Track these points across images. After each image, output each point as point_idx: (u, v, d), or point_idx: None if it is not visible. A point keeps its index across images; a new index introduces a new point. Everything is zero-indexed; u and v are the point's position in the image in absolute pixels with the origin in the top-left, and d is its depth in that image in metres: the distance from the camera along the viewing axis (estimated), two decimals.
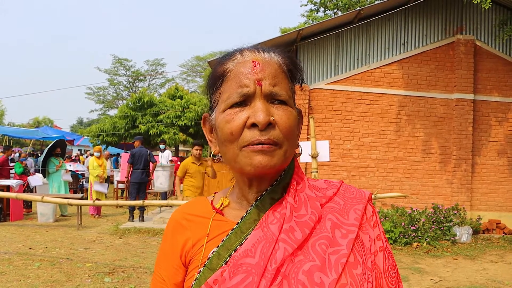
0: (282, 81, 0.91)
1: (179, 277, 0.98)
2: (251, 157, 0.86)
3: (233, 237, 0.91)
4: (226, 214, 0.98)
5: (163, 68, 44.91)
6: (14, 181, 11.19)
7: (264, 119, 0.85)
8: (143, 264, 6.85)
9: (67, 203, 7.08)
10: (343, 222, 0.91)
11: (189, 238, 0.98)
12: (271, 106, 0.88)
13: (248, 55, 0.92)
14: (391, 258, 0.95)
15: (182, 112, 21.58)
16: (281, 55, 0.95)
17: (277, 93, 0.89)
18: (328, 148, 6.79)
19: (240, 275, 0.84)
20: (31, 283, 5.72)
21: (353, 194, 0.98)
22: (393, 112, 10.17)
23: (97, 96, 45.70)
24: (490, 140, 10.46)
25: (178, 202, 6.96)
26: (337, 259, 0.85)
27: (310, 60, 10.07)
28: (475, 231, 9.72)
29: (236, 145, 0.88)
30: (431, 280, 6.57)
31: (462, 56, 10.18)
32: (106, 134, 21.81)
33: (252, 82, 0.88)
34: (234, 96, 0.89)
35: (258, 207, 0.93)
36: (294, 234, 0.86)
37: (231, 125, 0.88)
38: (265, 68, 0.90)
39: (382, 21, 10.26)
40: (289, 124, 0.89)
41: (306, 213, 0.90)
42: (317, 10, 20.22)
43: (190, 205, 1.05)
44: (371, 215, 0.96)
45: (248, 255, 0.86)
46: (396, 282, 0.94)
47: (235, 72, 0.91)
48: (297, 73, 0.97)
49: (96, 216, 11.60)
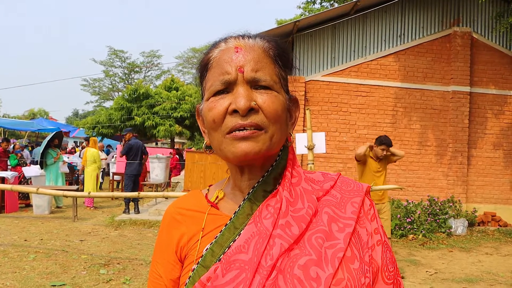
0: (267, 66, 0.89)
1: (176, 273, 0.96)
2: (234, 145, 0.85)
3: (227, 233, 0.89)
4: (221, 208, 0.97)
5: (158, 59, 44.77)
6: (9, 173, 11.13)
7: (245, 104, 0.84)
8: (138, 256, 6.85)
9: (62, 194, 7.05)
10: (340, 215, 0.89)
11: (184, 233, 0.96)
12: (255, 92, 0.87)
13: (231, 41, 0.91)
14: (389, 252, 0.93)
15: (178, 104, 21.54)
16: (267, 39, 0.93)
17: (260, 79, 0.87)
18: (324, 140, 6.77)
19: (233, 272, 0.82)
20: (26, 274, 5.71)
21: (351, 187, 0.96)
22: (389, 104, 10.16)
23: (93, 87, 45.54)
24: (486, 132, 10.48)
25: (174, 194, 6.94)
26: (333, 253, 0.83)
27: (307, 51, 10.03)
28: (471, 223, 9.76)
29: (220, 132, 0.87)
30: (426, 272, 6.59)
31: (459, 49, 10.17)
32: (101, 126, 21.76)
33: (233, 69, 0.87)
34: (216, 84, 0.88)
35: (251, 200, 0.91)
36: (291, 229, 0.84)
37: (213, 112, 0.87)
38: (247, 54, 0.88)
39: (379, 13, 10.22)
40: (274, 108, 0.86)
41: (302, 207, 0.87)
42: (314, 2, 20.18)
43: (184, 200, 1.03)
44: (368, 208, 0.94)
45: (241, 251, 0.84)
46: (394, 276, 0.92)
47: (217, 60, 0.90)
48: (285, 58, 0.94)
49: (91, 208, 11.58)
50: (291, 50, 0.97)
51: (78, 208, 10.27)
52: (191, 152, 12.58)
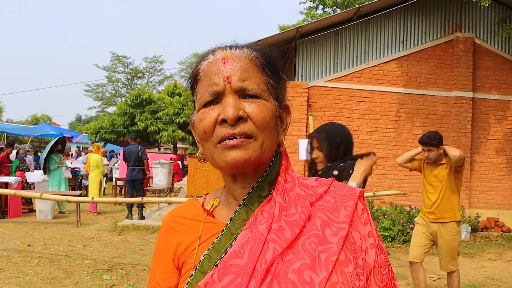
0: (254, 75, 0.91)
1: (173, 281, 0.98)
2: (225, 153, 0.88)
3: (223, 239, 0.90)
4: (217, 216, 0.98)
5: (161, 65, 44.91)
6: (12, 178, 11.16)
7: (233, 113, 0.86)
8: (141, 261, 6.85)
9: (65, 200, 7.07)
10: (333, 220, 0.90)
11: (181, 242, 0.98)
12: (243, 101, 0.89)
13: (218, 53, 0.93)
14: (383, 256, 0.94)
15: (180, 109, 21.59)
16: (254, 49, 0.95)
17: (247, 88, 0.89)
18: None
19: (229, 276, 0.83)
20: (29, 280, 5.72)
21: (344, 191, 0.97)
22: (392, 110, 10.17)
23: (96, 93, 45.68)
24: (489, 138, 10.47)
25: (177, 199, 6.95)
26: (327, 257, 0.84)
27: (309, 57, 10.06)
28: (474, 229, 9.73)
29: (211, 142, 0.90)
30: (429, 278, 6.57)
31: (461, 54, 10.18)
32: (104, 131, 21.80)
33: (221, 80, 0.89)
34: (206, 95, 0.90)
35: (246, 206, 0.93)
36: (284, 233, 0.85)
37: (204, 123, 0.90)
38: (234, 64, 0.90)
39: (381, 18, 10.24)
40: (262, 116, 0.88)
41: (295, 212, 0.89)
42: (316, 8, 20.22)
43: (181, 208, 1.05)
44: (362, 212, 0.95)
45: (237, 256, 0.85)
46: (387, 279, 0.93)
47: (205, 72, 0.92)
48: (273, 66, 0.96)
49: (94, 213, 11.60)
50: (278, 59, 1.00)
51: (81, 213, 10.28)
52: (194, 158, 12.58)
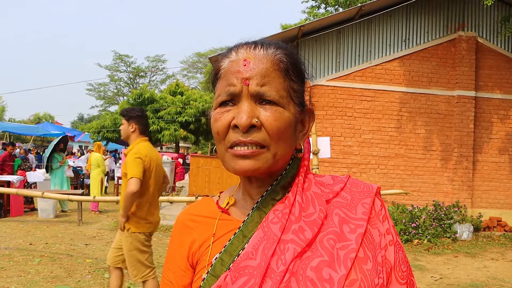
0: (274, 80, 0.88)
1: (187, 280, 0.97)
2: (234, 161, 0.87)
3: (236, 242, 0.90)
4: (232, 213, 0.98)
5: (163, 64, 44.96)
6: (14, 177, 11.17)
7: (246, 121, 0.85)
8: None
9: (67, 199, 7.08)
10: (351, 217, 0.90)
11: (196, 239, 0.97)
12: (259, 107, 0.87)
13: (241, 52, 0.91)
14: (401, 252, 0.93)
15: (182, 109, 21.56)
16: (280, 51, 0.92)
17: (265, 93, 0.87)
18: (329, 144, 6.76)
19: (242, 278, 0.83)
20: (31, 278, 5.72)
21: (361, 188, 0.96)
22: (394, 109, 10.15)
23: (98, 92, 45.78)
24: (492, 137, 10.44)
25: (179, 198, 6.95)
26: (346, 254, 0.83)
27: (311, 56, 10.04)
28: (476, 228, 9.71)
29: (223, 145, 0.89)
30: (431, 277, 6.56)
31: (464, 53, 10.15)
32: (106, 130, 21.80)
33: (239, 81, 0.87)
34: (223, 95, 0.89)
35: (260, 209, 0.92)
36: (304, 234, 0.85)
37: (218, 124, 0.89)
38: (255, 67, 0.88)
39: (384, 17, 10.22)
40: (277, 125, 0.86)
41: (314, 211, 0.88)
42: (318, 7, 20.19)
43: (195, 206, 1.05)
44: (379, 209, 0.94)
45: (249, 258, 0.85)
46: (407, 276, 0.92)
47: (226, 71, 0.91)
48: (298, 69, 0.94)
49: (96, 212, 11.61)
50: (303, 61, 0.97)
51: (83, 212, 10.29)
52: (196, 157, 12.58)
